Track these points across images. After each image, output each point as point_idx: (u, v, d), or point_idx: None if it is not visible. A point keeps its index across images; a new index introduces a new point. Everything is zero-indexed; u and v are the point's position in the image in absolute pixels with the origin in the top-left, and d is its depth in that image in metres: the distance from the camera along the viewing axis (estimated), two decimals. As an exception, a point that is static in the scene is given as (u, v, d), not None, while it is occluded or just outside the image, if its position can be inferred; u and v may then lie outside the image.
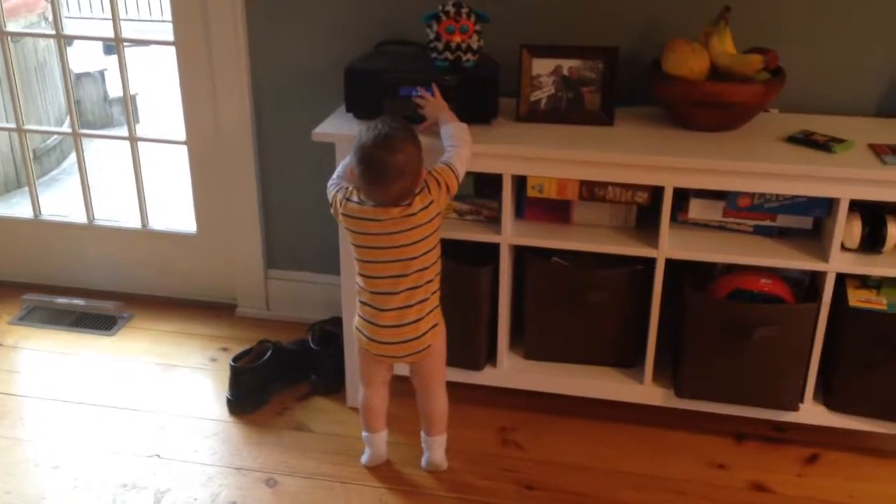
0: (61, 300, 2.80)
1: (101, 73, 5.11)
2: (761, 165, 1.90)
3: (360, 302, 1.95)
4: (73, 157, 4.73)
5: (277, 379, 2.37)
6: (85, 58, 5.83)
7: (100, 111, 5.14)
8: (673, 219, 2.04)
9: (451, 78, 2.05)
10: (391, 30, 2.34)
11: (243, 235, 2.69)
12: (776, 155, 1.94)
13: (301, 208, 2.64)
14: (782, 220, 2.04)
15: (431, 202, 1.84)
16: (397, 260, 1.86)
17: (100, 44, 6.50)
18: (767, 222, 2.05)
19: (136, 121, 5.09)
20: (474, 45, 2.07)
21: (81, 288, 2.90)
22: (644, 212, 2.10)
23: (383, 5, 2.33)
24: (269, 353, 2.35)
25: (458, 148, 1.91)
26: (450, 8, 2.04)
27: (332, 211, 1.93)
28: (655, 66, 2.08)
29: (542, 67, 2.10)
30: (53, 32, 2.75)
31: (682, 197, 2.07)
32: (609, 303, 2.14)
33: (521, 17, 2.25)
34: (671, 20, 2.19)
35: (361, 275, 1.91)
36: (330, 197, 1.93)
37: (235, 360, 2.33)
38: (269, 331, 2.65)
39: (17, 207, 3.16)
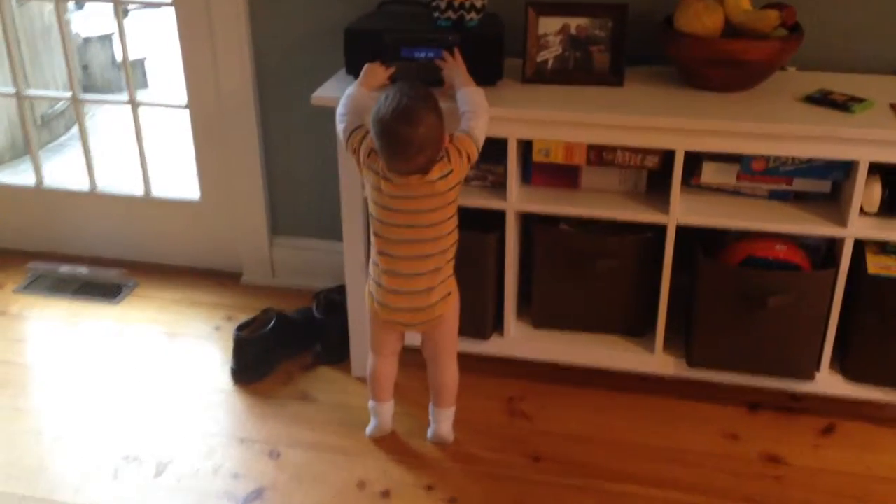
0: (65, 269, 2.77)
1: (109, 36, 5.04)
2: (777, 127, 1.82)
3: (373, 263, 1.90)
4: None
5: (282, 348, 2.33)
6: (94, 21, 5.78)
7: (109, 75, 5.08)
8: (685, 183, 1.97)
9: (454, 38, 1.97)
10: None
11: (247, 202, 2.65)
12: (793, 115, 1.86)
13: (306, 173, 2.59)
14: (798, 184, 1.96)
15: (451, 171, 1.78)
16: (411, 226, 1.81)
17: (110, 6, 6.44)
18: (783, 186, 1.97)
19: (145, 85, 5.06)
20: (478, 4, 1.99)
21: (86, 256, 2.87)
22: (655, 176, 2.03)
23: (385, -37, 2.26)
24: (272, 323, 2.32)
25: (476, 115, 1.84)
26: (452, -35, 1.96)
27: (347, 148, 1.87)
28: (667, 23, 2.00)
29: (548, 26, 2.02)
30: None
31: (695, 160, 1.99)
32: (619, 270, 2.08)
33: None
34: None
35: (375, 234, 1.86)
36: (343, 135, 1.87)
37: (239, 329, 2.29)
38: (274, 299, 2.61)
39: (26, 174, 3.13)
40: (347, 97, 1.90)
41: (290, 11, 2.38)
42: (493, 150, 2.02)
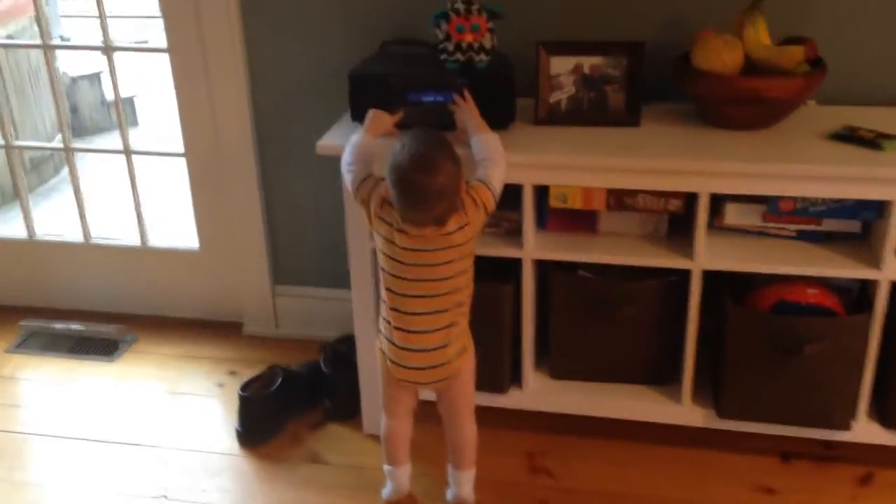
0: (59, 325, 2.66)
1: (98, 75, 4.96)
2: (805, 168, 1.74)
3: (384, 319, 1.80)
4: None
5: (289, 406, 2.23)
6: (82, 59, 5.70)
7: (98, 115, 4.99)
8: (707, 224, 1.88)
9: (463, 81, 1.89)
10: (397, 28, 2.18)
11: (248, 250, 2.55)
12: (820, 154, 1.78)
13: (308, 220, 2.50)
14: (828, 224, 1.88)
15: (467, 224, 1.69)
16: (426, 279, 1.71)
17: (98, 43, 6.36)
18: (812, 227, 1.89)
19: (135, 124, 4.97)
20: (487, 45, 1.91)
21: (82, 310, 2.77)
22: (676, 218, 1.95)
23: (388, 2, 2.18)
24: (279, 380, 2.22)
25: (493, 162, 1.75)
26: (459, 5, 1.88)
27: (357, 200, 1.78)
28: (684, 60, 1.92)
29: (561, 66, 1.94)
30: (40, 42, 2.60)
31: (718, 200, 1.91)
32: (641, 317, 1.99)
33: (536, 11, 2.09)
34: (699, 9, 2.02)
35: (387, 289, 1.76)
36: (352, 187, 1.78)
37: (244, 388, 2.19)
38: (278, 351, 2.52)
39: (16, 222, 3.07)
40: (353, 145, 1.81)
41: (289, 54, 2.30)
42: (507, 196, 1.93)
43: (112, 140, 4.95)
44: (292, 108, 2.36)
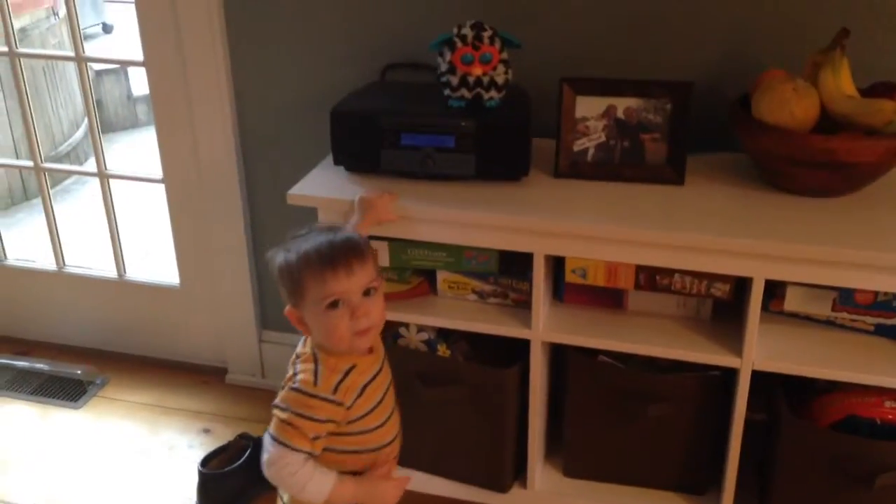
0: (24, 363, 2.40)
1: (124, 69, 4.72)
2: (893, 257, 1.35)
3: None
4: (90, 163, 4.33)
5: (258, 482, 1.92)
6: (114, 49, 5.49)
7: (123, 111, 4.76)
8: (763, 308, 1.51)
9: (468, 123, 1.55)
10: (402, 51, 1.85)
11: (233, 290, 2.25)
12: (914, 236, 1.40)
13: (300, 260, 2.18)
14: (918, 321, 1.50)
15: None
16: None
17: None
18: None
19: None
20: (499, 80, 1.56)
21: (52, 343, 2.50)
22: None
23: (392, 23, 1.84)
24: (247, 453, 1.91)
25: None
26: (467, 31, 1.54)
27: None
28: (742, 105, 1.55)
29: (589, 108, 1.59)
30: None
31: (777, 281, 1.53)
32: (675, 416, 1.63)
33: (561, 39, 1.73)
34: (762, 44, 1.65)
35: None
36: None
37: (204, 462, 1.89)
38: (261, 405, 2.21)
39: (22, 223, 2.84)
40: None
41: (281, 73, 1.98)
42: (517, 261, 1.59)
43: (137, 137, 4.71)
44: (284, 132, 2.04)
